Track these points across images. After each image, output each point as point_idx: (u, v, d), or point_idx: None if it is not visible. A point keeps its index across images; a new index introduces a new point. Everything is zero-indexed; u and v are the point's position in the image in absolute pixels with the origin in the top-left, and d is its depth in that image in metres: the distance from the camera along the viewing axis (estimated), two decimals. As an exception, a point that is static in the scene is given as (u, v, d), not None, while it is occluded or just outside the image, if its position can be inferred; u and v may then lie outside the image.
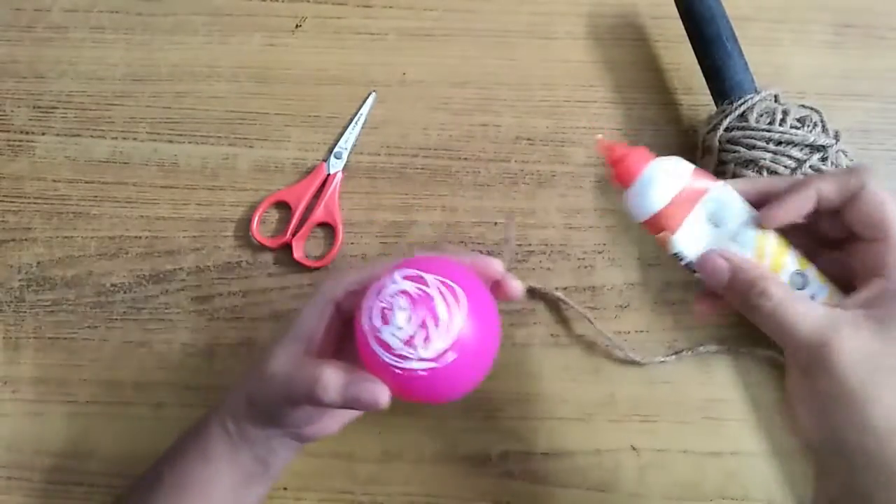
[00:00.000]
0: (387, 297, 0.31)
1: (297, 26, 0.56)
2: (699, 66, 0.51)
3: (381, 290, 0.32)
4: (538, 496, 0.46)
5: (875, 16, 0.57)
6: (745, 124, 0.46)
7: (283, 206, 0.52)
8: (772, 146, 0.44)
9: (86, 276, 0.50)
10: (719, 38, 0.49)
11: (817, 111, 0.46)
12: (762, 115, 0.46)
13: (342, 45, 0.56)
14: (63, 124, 0.54)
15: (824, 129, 0.45)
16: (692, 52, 0.51)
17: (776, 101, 0.47)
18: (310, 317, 0.36)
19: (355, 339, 0.33)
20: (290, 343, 0.36)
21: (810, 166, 0.43)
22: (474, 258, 0.35)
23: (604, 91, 0.55)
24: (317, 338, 0.35)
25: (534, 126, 0.54)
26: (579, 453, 0.47)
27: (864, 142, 0.53)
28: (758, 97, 0.47)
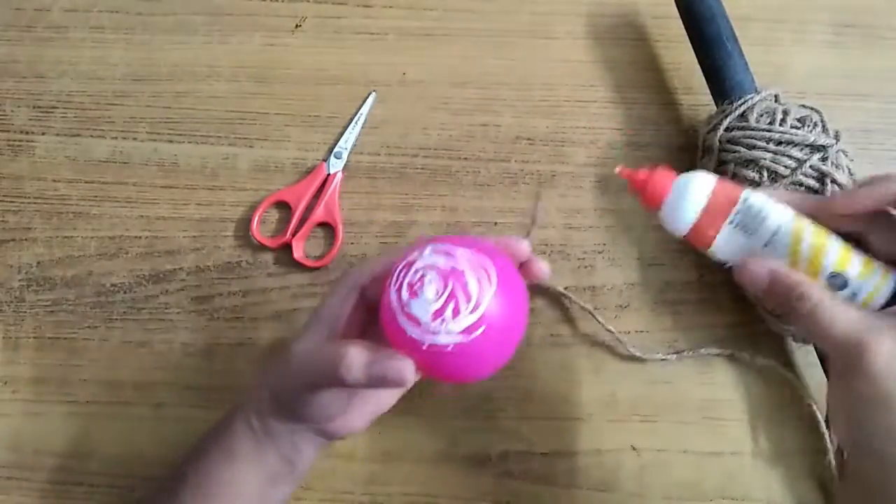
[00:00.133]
0: (416, 271, 0.30)
1: (297, 26, 0.56)
2: (699, 66, 0.51)
3: (410, 264, 0.31)
4: (538, 496, 0.46)
5: (875, 16, 0.57)
6: (745, 124, 0.46)
7: (283, 206, 0.52)
8: (772, 146, 0.44)
9: (86, 276, 0.50)
10: (719, 38, 0.49)
11: (817, 111, 0.46)
12: (762, 115, 0.46)
13: (342, 45, 0.56)
14: (63, 124, 0.54)
15: (824, 129, 0.45)
16: (692, 52, 0.51)
17: (776, 101, 0.47)
18: (334, 302, 0.35)
19: (380, 318, 0.32)
20: (313, 327, 0.35)
21: (810, 166, 0.43)
22: (499, 239, 0.35)
23: (604, 91, 0.55)
24: (340, 323, 0.35)
25: (534, 126, 0.54)
26: (579, 453, 0.47)
27: (864, 142, 0.53)
28: (758, 97, 0.47)
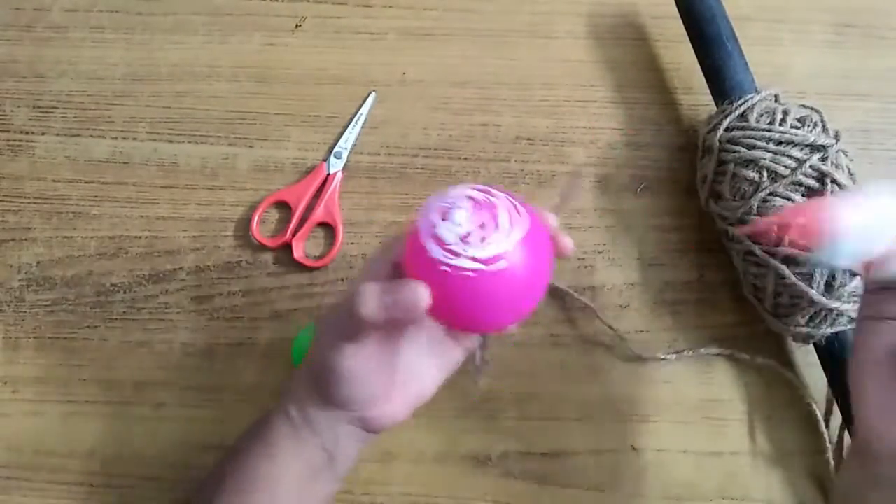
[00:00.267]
0: (451, 198, 0.31)
1: (297, 26, 0.56)
2: (699, 66, 0.51)
3: (445, 194, 0.31)
4: (538, 496, 0.46)
5: (875, 16, 0.57)
6: (745, 124, 0.46)
7: (283, 206, 0.52)
8: (772, 146, 0.44)
9: (86, 276, 0.50)
10: (719, 38, 0.49)
11: (817, 111, 0.46)
12: (762, 115, 0.46)
13: (342, 45, 0.56)
14: (63, 124, 0.54)
15: (824, 128, 0.45)
16: (692, 51, 0.51)
17: (776, 100, 0.47)
18: (368, 272, 0.35)
19: (406, 250, 0.32)
20: (344, 294, 0.36)
21: (810, 166, 0.43)
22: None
23: (604, 91, 0.55)
24: None
25: (534, 126, 0.54)
26: (579, 453, 0.47)
27: (864, 142, 0.53)
28: (758, 97, 0.47)
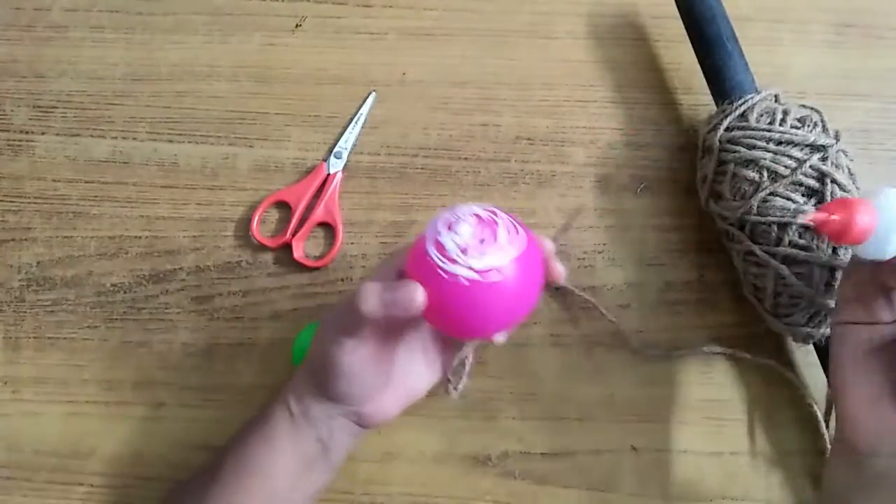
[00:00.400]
0: (458, 213, 0.34)
1: (297, 26, 0.56)
2: (699, 66, 0.51)
3: (454, 209, 0.35)
4: (538, 496, 0.46)
5: (875, 16, 0.57)
6: (745, 124, 0.46)
7: (283, 206, 0.52)
8: (772, 146, 0.44)
9: (86, 276, 0.50)
10: (719, 38, 0.49)
11: (817, 111, 0.46)
12: (762, 115, 0.46)
13: (342, 45, 0.56)
14: (63, 124, 0.54)
15: (824, 129, 0.45)
16: (692, 52, 0.51)
17: (776, 100, 0.47)
18: (373, 278, 0.37)
19: (409, 256, 0.35)
20: (347, 296, 0.37)
21: (810, 166, 0.43)
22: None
23: (604, 91, 0.55)
24: None
25: (534, 126, 0.54)
26: (579, 453, 0.47)
27: (864, 142, 0.53)
28: (758, 97, 0.47)
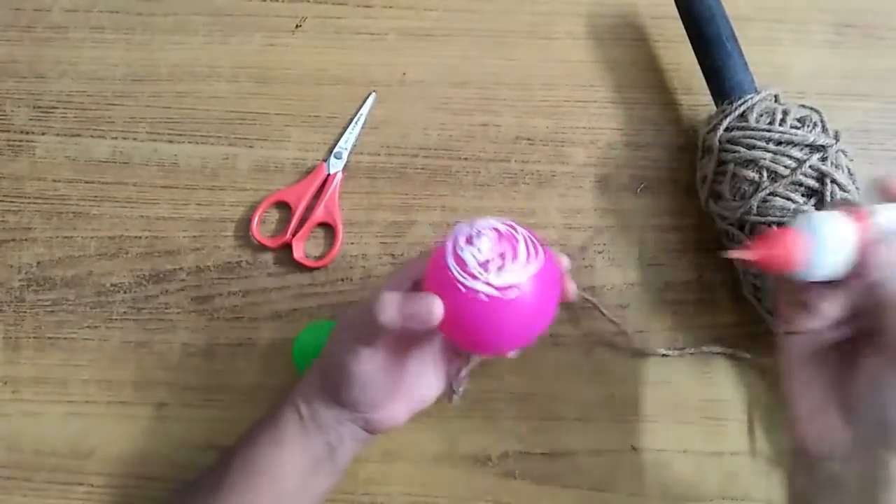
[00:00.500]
0: (478, 227, 0.34)
1: (297, 26, 0.56)
2: (699, 66, 0.51)
3: (474, 223, 0.35)
4: (538, 496, 0.46)
5: (875, 16, 0.57)
6: (745, 124, 0.46)
7: (283, 206, 0.52)
8: (772, 146, 0.44)
9: (86, 276, 0.50)
10: (719, 38, 0.49)
11: (817, 111, 0.46)
12: (762, 115, 0.46)
13: (342, 45, 0.56)
14: (63, 124, 0.54)
15: (824, 129, 0.45)
16: (692, 52, 0.51)
17: (776, 101, 0.47)
18: (387, 286, 0.37)
19: (427, 269, 0.35)
20: (362, 302, 0.37)
21: (810, 166, 0.43)
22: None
23: (604, 91, 0.55)
24: None
25: (534, 126, 0.54)
26: (579, 453, 0.47)
27: (864, 142, 0.53)
28: (758, 97, 0.47)
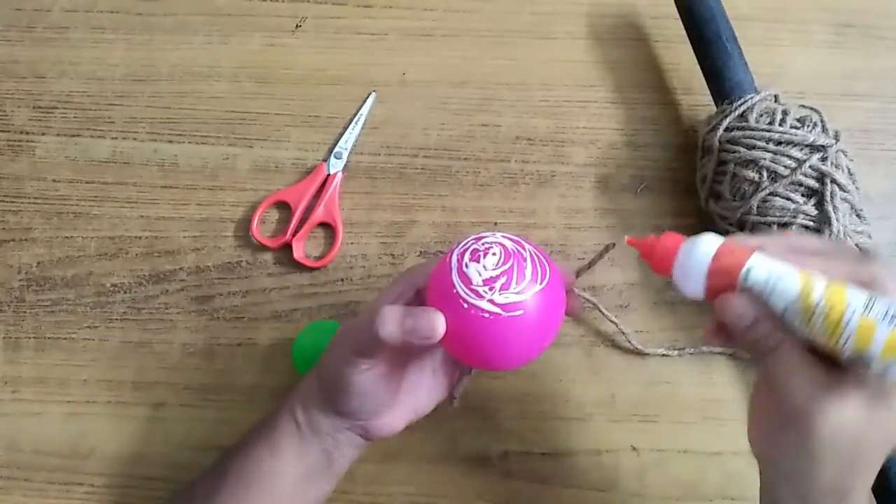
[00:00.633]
0: (484, 243, 0.33)
1: (297, 26, 0.56)
2: (699, 66, 0.51)
3: (480, 238, 0.34)
4: (538, 496, 0.46)
5: (875, 16, 0.57)
6: (745, 124, 0.46)
7: (283, 206, 0.52)
8: (772, 146, 0.44)
9: (86, 276, 0.50)
10: (719, 38, 0.49)
11: (817, 111, 0.46)
12: (762, 115, 0.46)
13: (342, 45, 0.56)
14: (63, 124, 0.54)
15: (824, 129, 0.45)
16: (692, 52, 0.51)
17: (776, 101, 0.47)
18: (389, 294, 0.36)
19: (429, 282, 0.34)
20: (363, 311, 0.36)
21: (810, 166, 0.43)
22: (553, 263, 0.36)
23: (604, 91, 0.55)
24: None
25: (534, 126, 0.54)
26: (579, 453, 0.46)
27: (864, 142, 0.53)
28: (758, 97, 0.47)
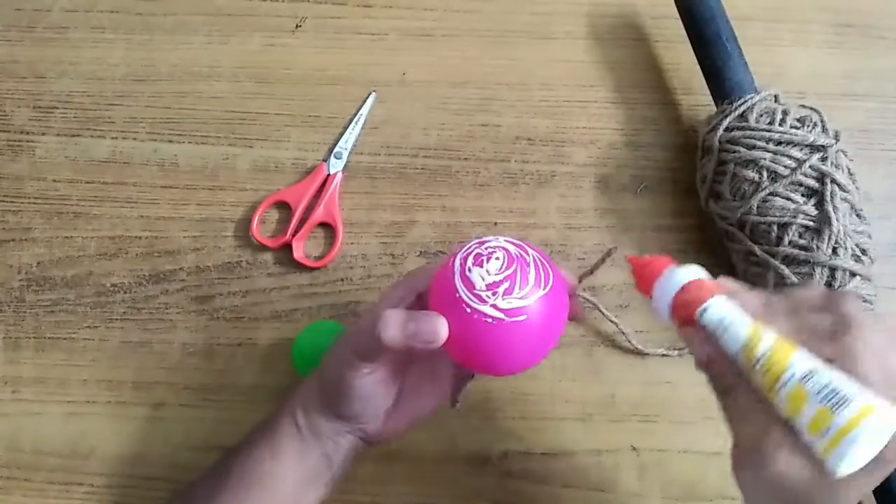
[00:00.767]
0: (487, 247, 0.33)
1: (297, 26, 0.56)
2: (699, 66, 0.51)
3: (483, 242, 0.34)
4: (538, 496, 0.46)
5: (875, 16, 0.57)
6: (745, 124, 0.46)
7: (283, 206, 0.52)
8: (772, 146, 0.44)
9: (86, 276, 0.50)
10: (719, 38, 0.49)
11: (817, 111, 0.46)
12: (762, 115, 0.46)
13: (342, 45, 0.56)
14: (63, 124, 0.54)
15: (824, 129, 0.45)
16: (692, 52, 0.51)
17: (776, 101, 0.47)
18: (391, 297, 0.36)
19: (432, 286, 0.34)
20: (365, 314, 0.36)
21: (810, 166, 0.43)
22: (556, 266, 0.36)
23: (604, 91, 0.55)
24: None
25: (534, 126, 0.54)
26: (579, 453, 0.47)
27: (864, 142, 0.53)
28: (758, 97, 0.47)
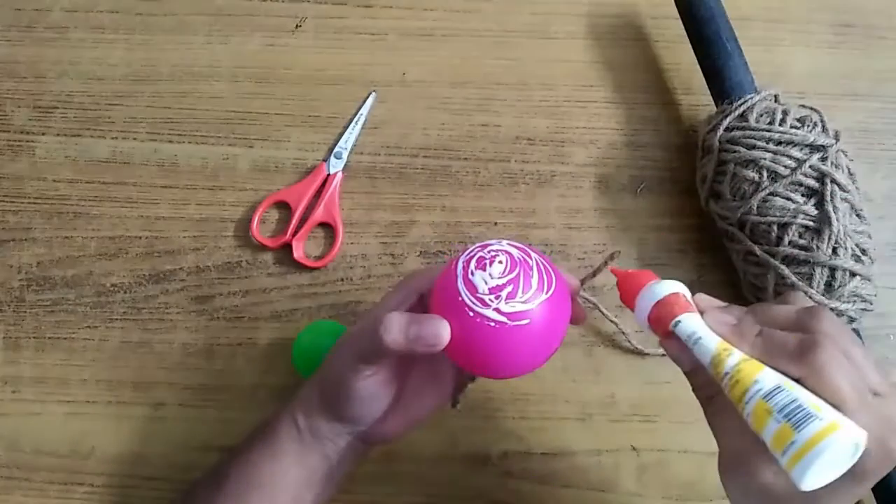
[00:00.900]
0: (490, 251, 0.33)
1: (297, 26, 0.56)
2: (699, 66, 0.51)
3: (486, 245, 0.34)
4: (538, 496, 0.46)
5: (875, 16, 0.57)
6: (745, 124, 0.46)
7: (283, 206, 0.52)
8: (772, 146, 0.44)
9: (86, 276, 0.50)
10: (719, 38, 0.49)
11: (817, 111, 0.46)
12: (762, 115, 0.46)
13: (342, 45, 0.56)
14: (63, 124, 0.54)
15: (824, 129, 0.45)
16: (692, 52, 0.51)
17: (776, 101, 0.47)
18: (392, 299, 0.36)
19: (434, 289, 0.34)
20: (366, 315, 0.36)
21: (810, 166, 0.43)
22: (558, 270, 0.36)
23: (604, 91, 0.55)
24: None
25: (534, 126, 0.54)
26: (579, 453, 0.47)
27: (864, 142, 0.53)
28: (758, 97, 0.47)
